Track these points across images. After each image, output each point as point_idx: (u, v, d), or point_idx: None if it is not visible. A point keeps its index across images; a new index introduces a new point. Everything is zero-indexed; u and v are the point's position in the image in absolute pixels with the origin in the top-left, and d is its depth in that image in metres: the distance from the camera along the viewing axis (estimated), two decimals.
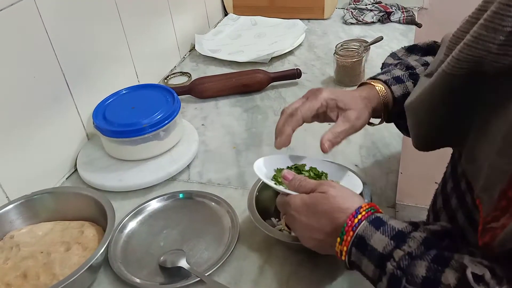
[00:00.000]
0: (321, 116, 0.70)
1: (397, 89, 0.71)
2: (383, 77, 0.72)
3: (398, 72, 0.73)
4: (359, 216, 0.53)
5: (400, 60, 0.78)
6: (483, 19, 0.46)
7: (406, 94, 0.68)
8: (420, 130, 0.60)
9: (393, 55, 0.81)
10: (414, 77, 0.72)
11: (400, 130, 0.77)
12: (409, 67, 0.73)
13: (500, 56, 0.46)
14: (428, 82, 0.55)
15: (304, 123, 0.69)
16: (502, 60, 0.46)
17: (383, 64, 0.81)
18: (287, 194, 0.62)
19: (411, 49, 0.81)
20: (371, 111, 0.70)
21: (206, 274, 0.66)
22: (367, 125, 0.71)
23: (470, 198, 0.56)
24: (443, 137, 0.59)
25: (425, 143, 0.62)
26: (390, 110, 0.71)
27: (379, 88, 0.71)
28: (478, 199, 0.51)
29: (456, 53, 0.49)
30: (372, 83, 0.72)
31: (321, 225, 0.56)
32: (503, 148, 0.46)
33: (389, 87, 0.71)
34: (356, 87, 1.10)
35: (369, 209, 0.55)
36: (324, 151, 0.66)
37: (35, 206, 0.75)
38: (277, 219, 0.73)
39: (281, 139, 0.68)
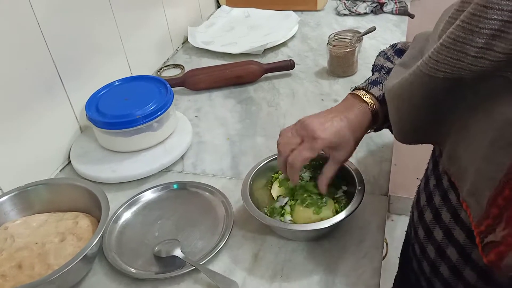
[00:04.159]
0: None
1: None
2: (375, 91, 0.71)
3: (403, 75, 0.72)
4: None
5: (390, 65, 0.77)
6: (460, 20, 0.45)
7: None
8: (402, 126, 0.60)
9: (382, 54, 0.80)
10: None
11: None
12: None
13: (478, 59, 0.45)
14: (405, 77, 0.54)
15: (295, 117, 0.74)
16: (479, 64, 0.45)
17: (373, 65, 0.80)
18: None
19: (399, 53, 0.80)
20: (358, 141, 0.70)
21: (201, 263, 0.66)
22: None
23: (454, 196, 0.56)
24: (424, 135, 0.59)
25: (405, 138, 0.61)
26: (379, 122, 0.71)
27: (370, 103, 0.69)
28: (464, 202, 0.51)
29: (434, 54, 0.48)
30: (363, 97, 0.70)
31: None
32: (490, 155, 0.46)
33: (380, 104, 0.69)
34: (348, 77, 1.12)
35: None
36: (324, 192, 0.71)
37: (29, 198, 0.75)
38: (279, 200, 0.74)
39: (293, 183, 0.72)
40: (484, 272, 0.53)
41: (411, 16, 1.43)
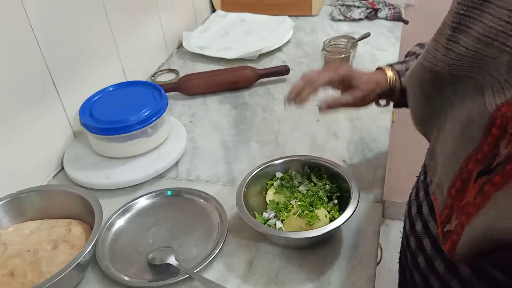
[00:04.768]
0: (335, 86, 0.78)
1: None
2: (398, 66, 0.77)
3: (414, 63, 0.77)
4: None
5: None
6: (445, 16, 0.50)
7: None
8: (411, 112, 0.64)
9: (420, 45, 0.83)
10: None
11: None
12: None
13: (447, 50, 0.48)
14: (412, 67, 0.59)
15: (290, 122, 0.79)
16: (448, 55, 0.48)
17: (408, 52, 0.83)
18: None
19: None
20: (376, 96, 0.77)
21: (195, 271, 0.66)
22: (372, 105, 0.81)
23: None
24: (423, 128, 0.62)
25: (415, 125, 0.65)
26: (396, 97, 0.77)
27: (390, 75, 0.76)
28: (433, 194, 0.55)
29: (427, 46, 0.53)
30: (385, 70, 0.77)
31: None
32: (455, 149, 0.49)
33: (400, 77, 0.76)
34: None
35: None
36: (320, 108, 0.76)
37: (21, 205, 0.74)
38: (267, 211, 0.74)
39: (298, 99, 0.75)
40: (451, 263, 0.57)
41: (405, 22, 1.43)
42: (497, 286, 0.52)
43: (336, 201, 0.74)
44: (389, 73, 0.76)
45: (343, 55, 1.09)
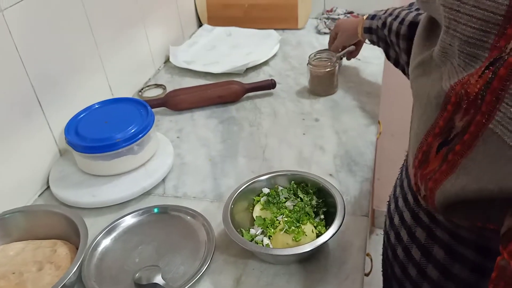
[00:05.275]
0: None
1: (367, 23, 1.05)
2: (371, 12, 1.04)
3: (380, 13, 1.00)
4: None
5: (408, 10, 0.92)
6: None
7: (369, 28, 1.04)
8: None
9: (411, 4, 0.94)
10: (384, 24, 0.98)
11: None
12: (394, 17, 0.94)
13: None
14: None
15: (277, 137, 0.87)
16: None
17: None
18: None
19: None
20: (352, 35, 1.14)
21: None
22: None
23: (406, 183, 0.65)
24: None
25: None
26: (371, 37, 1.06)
27: (362, 21, 1.07)
28: (408, 168, 0.61)
29: None
30: (365, 15, 1.06)
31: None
32: (418, 128, 0.55)
33: (366, 18, 1.05)
34: (329, 96, 1.13)
35: None
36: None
37: (6, 226, 0.73)
38: (254, 228, 0.74)
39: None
40: (426, 249, 0.61)
41: None
42: (469, 265, 0.56)
43: (322, 216, 0.74)
44: (364, 17, 1.06)
45: (328, 69, 1.10)
